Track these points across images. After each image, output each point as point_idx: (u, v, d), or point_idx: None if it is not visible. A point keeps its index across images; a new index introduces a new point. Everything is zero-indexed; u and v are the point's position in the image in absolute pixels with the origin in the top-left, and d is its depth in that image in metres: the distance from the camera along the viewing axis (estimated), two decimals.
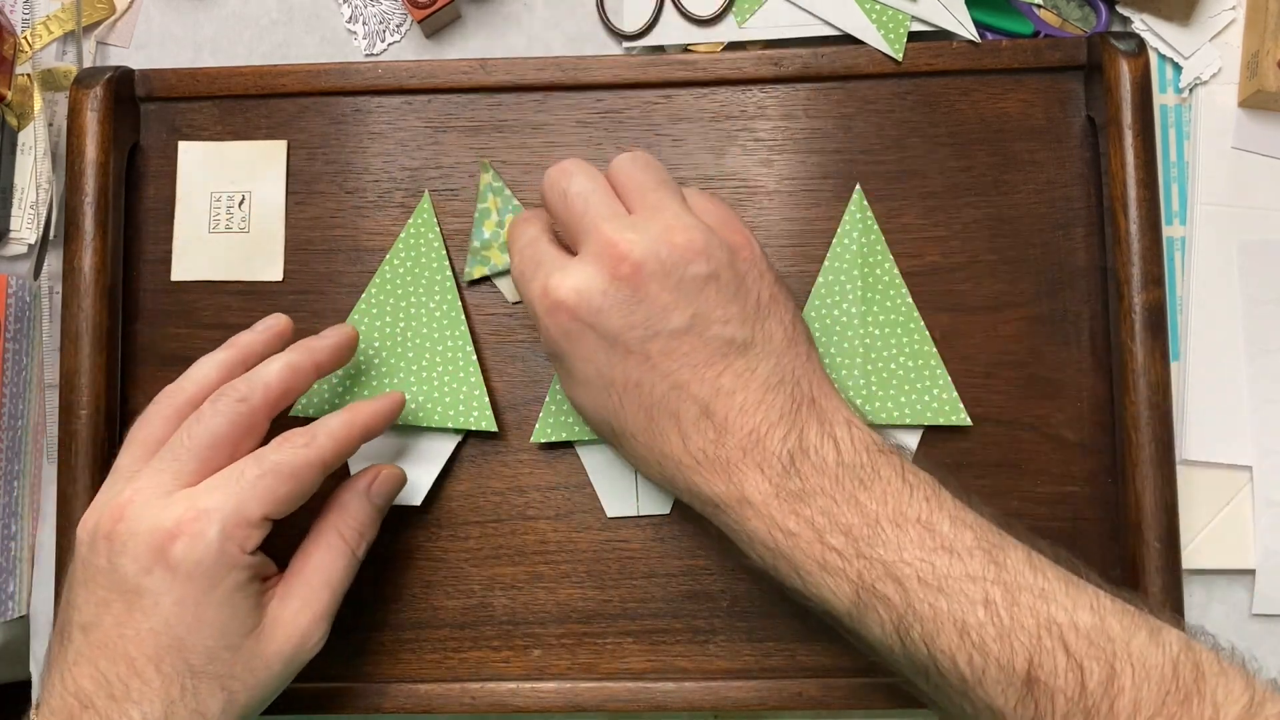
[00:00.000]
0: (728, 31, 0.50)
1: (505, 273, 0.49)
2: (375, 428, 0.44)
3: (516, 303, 0.49)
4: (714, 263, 0.39)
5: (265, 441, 0.42)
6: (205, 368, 0.43)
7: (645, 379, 0.39)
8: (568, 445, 0.49)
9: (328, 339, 0.45)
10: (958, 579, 0.36)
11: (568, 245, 0.42)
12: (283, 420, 0.49)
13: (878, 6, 0.49)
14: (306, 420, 0.48)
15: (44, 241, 0.52)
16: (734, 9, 0.50)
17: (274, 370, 0.42)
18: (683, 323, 0.39)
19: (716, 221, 0.41)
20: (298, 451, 0.41)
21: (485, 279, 0.49)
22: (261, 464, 0.40)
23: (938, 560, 0.36)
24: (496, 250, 0.49)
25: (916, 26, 0.49)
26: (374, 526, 0.44)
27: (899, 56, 0.49)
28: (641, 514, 0.48)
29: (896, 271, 0.48)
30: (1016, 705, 0.34)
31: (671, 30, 0.51)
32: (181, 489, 0.40)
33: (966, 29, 0.49)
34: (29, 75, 0.52)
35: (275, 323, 0.46)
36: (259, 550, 0.40)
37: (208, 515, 0.38)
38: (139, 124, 0.51)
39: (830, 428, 0.39)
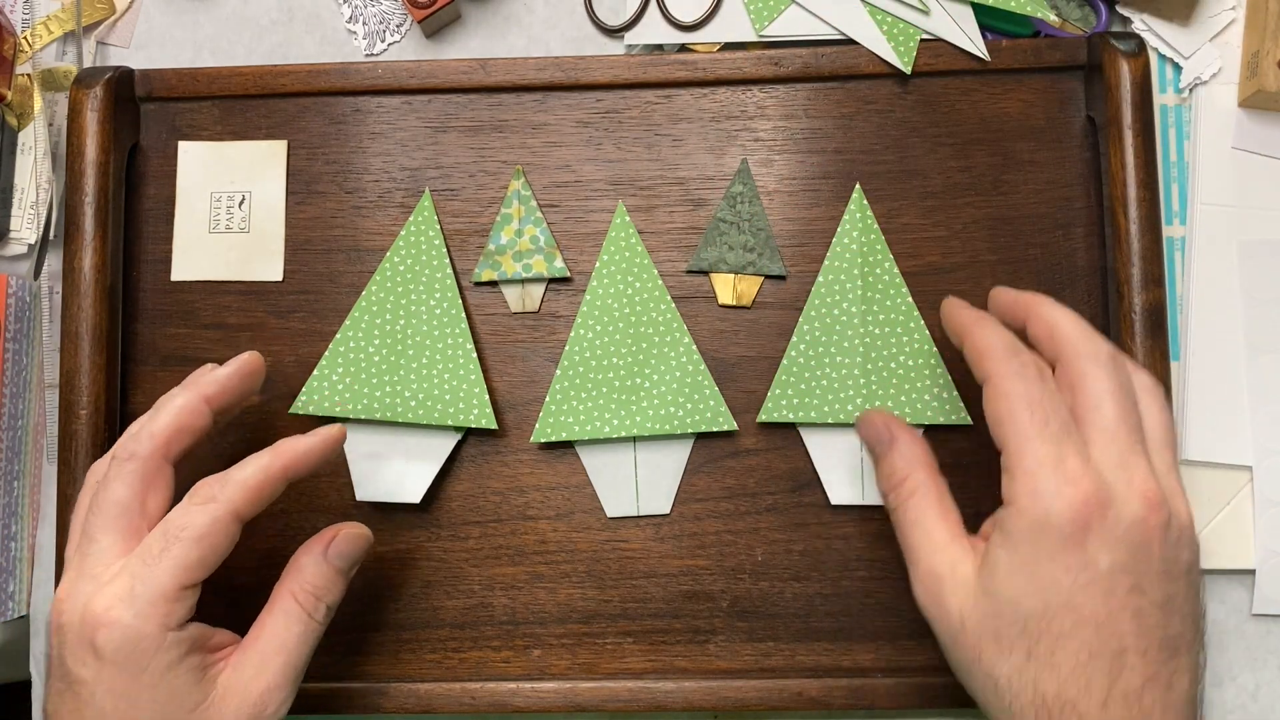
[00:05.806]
0: (742, 35, 0.50)
1: (513, 280, 0.49)
2: (302, 469, 0.41)
3: (519, 311, 0.49)
4: (1193, 556, 0.39)
5: (189, 479, 0.41)
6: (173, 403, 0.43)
7: (1107, 625, 0.36)
8: (568, 445, 0.49)
9: (220, 371, 0.43)
10: None
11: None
12: (281, 419, 0.49)
13: (889, 19, 0.49)
14: (307, 419, 0.49)
15: (44, 241, 0.52)
16: (751, 14, 0.50)
17: (159, 419, 0.41)
18: (1161, 598, 0.37)
19: (1173, 491, 0.39)
20: (204, 509, 0.39)
21: (492, 283, 0.49)
22: (166, 533, 0.39)
23: None
24: (510, 258, 0.49)
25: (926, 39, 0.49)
26: (335, 588, 0.42)
27: (908, 69, 0.48)
28: (641, 514, 0.48)
29: (897, 271, 0.48)
30: None
31: (656, 29, 0.51)
32: (106, 569, 0.39)
33: (977, 46, 0.48)
34: (29, 75, 0.52)
35: (246, 362, 0.44)
36: (193, 621, 0.39)
37: (121, 601, 0.38)
38: (139, 124, 0.51)
39: None
